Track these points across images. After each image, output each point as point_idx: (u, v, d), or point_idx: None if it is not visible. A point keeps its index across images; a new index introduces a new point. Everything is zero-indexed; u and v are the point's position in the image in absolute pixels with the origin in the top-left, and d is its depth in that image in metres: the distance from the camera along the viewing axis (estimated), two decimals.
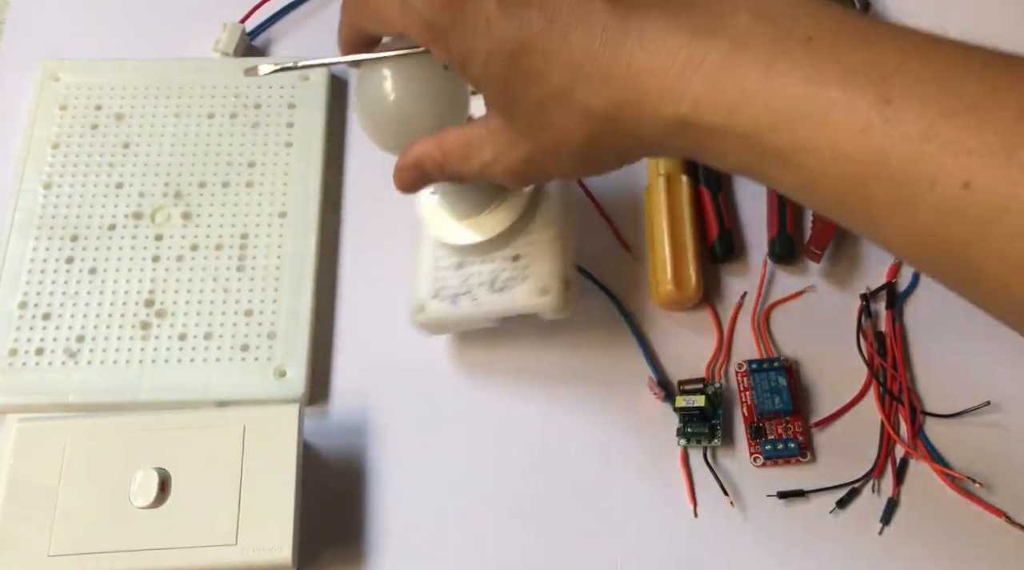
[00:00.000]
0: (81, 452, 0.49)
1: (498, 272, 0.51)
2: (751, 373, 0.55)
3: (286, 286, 0.57)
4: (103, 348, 0.55)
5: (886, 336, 0.56)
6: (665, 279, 0.56)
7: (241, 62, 0.64)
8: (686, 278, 0.56)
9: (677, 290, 0.55)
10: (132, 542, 0.47)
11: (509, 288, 0.51)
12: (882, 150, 0.32)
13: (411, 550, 0.52)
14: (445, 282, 0.53)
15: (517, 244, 0.52)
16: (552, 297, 0.50)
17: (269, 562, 0.47)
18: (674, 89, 0.35)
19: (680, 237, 0.57)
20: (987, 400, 0.54)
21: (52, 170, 0.60)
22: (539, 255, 0.51)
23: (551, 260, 0.51)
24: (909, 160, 0.31)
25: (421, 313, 0.53)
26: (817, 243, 0.57)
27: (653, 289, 0.57)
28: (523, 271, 0.51)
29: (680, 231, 0.57)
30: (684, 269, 0.56)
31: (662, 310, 0.57)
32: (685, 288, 0.56)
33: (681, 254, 0.56)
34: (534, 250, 0.51)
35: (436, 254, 0.54)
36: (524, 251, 0.52)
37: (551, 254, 0.51)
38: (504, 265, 0.52)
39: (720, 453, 0.54)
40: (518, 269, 0.51)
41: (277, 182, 0.60)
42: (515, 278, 0.51)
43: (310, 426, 0.54)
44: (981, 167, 0.30)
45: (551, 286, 0.50)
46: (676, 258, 0.56)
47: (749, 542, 0.52)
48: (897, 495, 0.52)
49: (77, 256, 0.57)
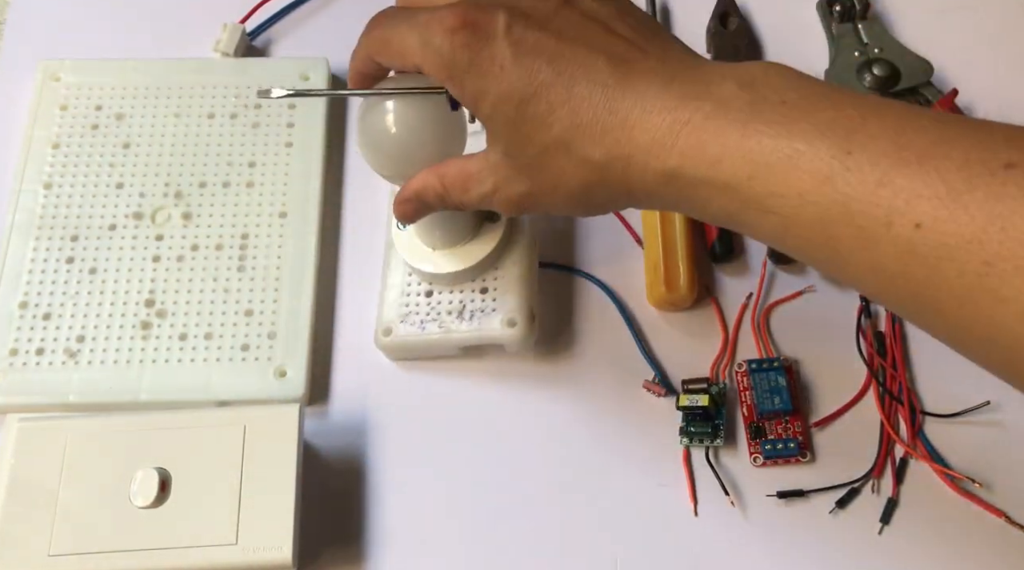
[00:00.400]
0: (81, 452, 0.49)
1: (467, 302, 0.54)
2: (751, 373, 0.55)
3: (286, 286, 0.57)
4: (103, 348, 0.55)
5: (886, 336, 0.56)
6: (658, 280, 0.56)
7: (241, 62, 0.64)
8: (676, 279, 0.56)
9: (668, 292, 0.56)
10: (132, 542, 0.47)
11: (477, 318, 0.54)
12: (843, 196, 0.36)
13: (411, 550, 0.52)
14: (414, 308, 0.55)
15: (486, 277, 0.55)
16: (519, 329, 0.53)
17: (269, 562, 0.47)
18: (663, 144, 0.39)
19: (670, 239, 0.57)
20: (987, 400, 0.54)
21: (52, 170, 0.60)
22: (506, 289, 0.54)
23: (519, 295, 0.54)
24: (867, 204, 0.35)
25: (389, 336, 0.55)
26: None
27: (648, 290, 0.57)
28: (492, 303, 0.54)
29: (670, 232, 0.57)
30: (674, 271, 0.56)
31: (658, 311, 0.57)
32: (675, 289, 0.56)
33: (671, 256, 0.56)
34: (502, 284, 0.54)
35: (407, 279, 0.56)
36: (492, 285, 0.55)
37: (519, 289, 0.54)
38: (473, 296, 0.54)
39: (720, 452, 0.54)
40: (487, 301, 0.54)
41: (277, 182, 0.60)
42: (483, 309, 0.54)
43: (310, 426, 0.54)
44: (929, 209, 0.34)
45: (518, 319, 0.53)
46: (667, 260, 0.56)
47: (749, 542, 0.52)
48: (897, 495, 0.52)
49: (77, 256, 0.57)
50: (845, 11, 0.64)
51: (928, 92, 0.61)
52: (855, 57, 0.63)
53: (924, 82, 0.62)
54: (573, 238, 0.60)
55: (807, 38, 0.66)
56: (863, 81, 0.62)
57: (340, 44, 0.65)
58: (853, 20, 0.64)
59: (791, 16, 0.67)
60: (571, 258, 0.59)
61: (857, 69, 0.62)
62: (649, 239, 0.57)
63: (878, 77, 0.61)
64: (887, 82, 0.61)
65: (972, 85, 0.62)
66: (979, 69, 0.63)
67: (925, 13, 0.66)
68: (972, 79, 0.62)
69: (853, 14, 0.64)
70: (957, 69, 0.63)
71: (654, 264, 0.56)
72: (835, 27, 0.64)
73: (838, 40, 0.64)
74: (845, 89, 0.39)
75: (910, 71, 0.62)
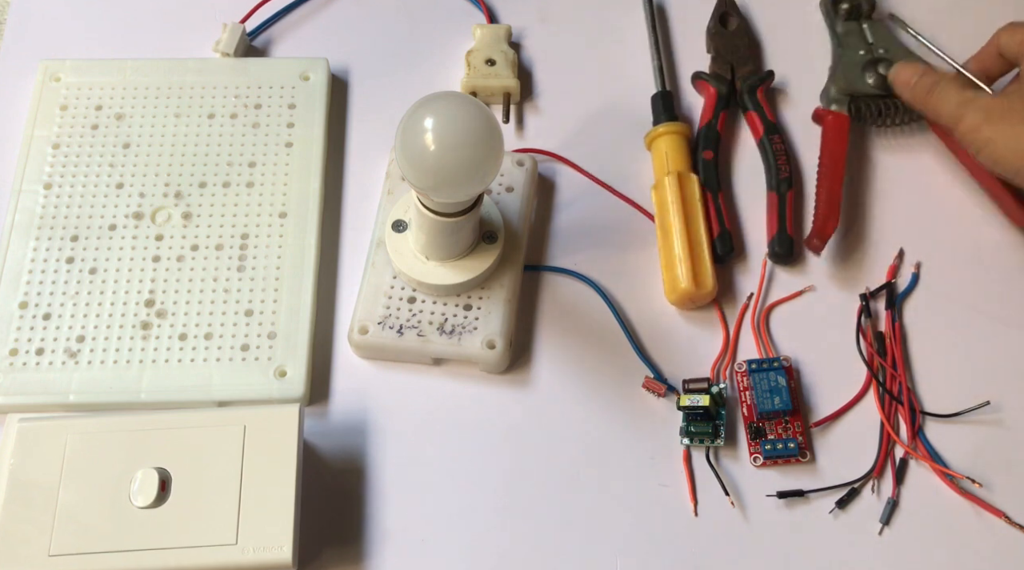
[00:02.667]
0: (81, 452, 0.49)
1: (449, 316, 0.55)
2: (750, 373, 0.55)
3: (286, 286, 0.57)
4: (103, 348, 0.55)
5: (886, 336, 0.56)
6: (684, 276, 0.56)
7: (241, 62, 0.64)
8: (704, 275, 0.56)
9: (696, 288, 0.55)
10: (132, 542, 0.47)
11: (458, 334, 0.55)
12: None
13: (411, 550, 0.52)
14: (395, 312, 0.55)
15: (472, 295, 0.55)
16: (496, 353, 0.54)
17: (269, 562, 0.47)
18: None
19: (696, 234, 0.57)
20: (987, 400, 0.54)
21: (52, 170, 0.60)
22: (491, 310, 0.55)
23: (501, 319, 0.55)
24: None
25: (364, 335, 0.55)
26: (819, 234, 0.57)
27: (668, 287, 0.57)
28: (474, 321, 0.55)
29: (695, 229, 0.57)
30: (702, 266, 0.56)
31: (676, 309, 0.57)
32: (703, 285, 0.56)
33: (698, 251, 0.56)
34: (487, 305, 0.55)
35: (391, 281, 0.56)
36: (477, 303, 0.55)
37: (502, 313, 0.55)
38: (456, 311, 0.55)
39: (720, 452, 0.54)
40: (469, 319, 0.55)
41: (277, 182, 0.60)
42: (465, 326, 0.55)
43: (310, 426, 0.54)
44: None
45: (498, 342, 0.54)
46: (693, 256, 0.56)
47: (749, 542, 0.52)
48: (897, 495, 0.52)
49: (77, 256, 0.57)
50: (853, 9, 0.64)
51: None
52: (860, 56, 0.63)
53: None
54: (569, 240, 0.60)
55: (807, 37, 0.66)
56: (867, 80, 0.62)
57: (340, 44, 0.66)
58: (859, 19, 0.64)
59: (791, 16, 0.67)
60: (569, 260, 0.59)
61: (862, 68, 0.62)
62: (669, 235, 0.57)
63: (883, 76, 0.61)
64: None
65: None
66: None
67: (925, 13, 0.66)
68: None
69: (859, 13, 0.64)
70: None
71: (675, 261, 0.56)
72: (840, 25, 0.64)
73: (843, 39, 0.64)
74: None
75: None
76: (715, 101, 0.63)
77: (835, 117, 0.61)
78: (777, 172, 0.60)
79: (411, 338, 0.55)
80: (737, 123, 0.64)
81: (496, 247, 0.55)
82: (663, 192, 0.59)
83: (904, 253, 0.59)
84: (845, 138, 0.61)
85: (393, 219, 0.56)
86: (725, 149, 0.63)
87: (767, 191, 0.61)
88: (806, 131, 0.63)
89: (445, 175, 0.47)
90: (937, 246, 0.59)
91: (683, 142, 0.61)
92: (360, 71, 0.65)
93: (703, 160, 0.61)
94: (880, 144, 0.63)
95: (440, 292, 0.55)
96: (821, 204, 0.59)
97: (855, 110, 0.62)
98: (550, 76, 0.65)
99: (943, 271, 0.59)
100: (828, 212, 0.58)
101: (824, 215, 0.58)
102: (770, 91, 0.64)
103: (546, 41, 0.67)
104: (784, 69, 0.65)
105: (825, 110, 0.62)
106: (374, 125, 0.63)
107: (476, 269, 0.55)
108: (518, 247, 0.57)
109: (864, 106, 0.62)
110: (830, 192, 0.59)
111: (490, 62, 0.63)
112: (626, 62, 0.66)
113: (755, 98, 0.63)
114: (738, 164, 0.62)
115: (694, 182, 0.59)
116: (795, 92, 0.65)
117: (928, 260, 0.59)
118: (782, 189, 0.60)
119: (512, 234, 0.57)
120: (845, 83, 0.62)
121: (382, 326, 0.55)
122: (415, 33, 0.67)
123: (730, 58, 0.64)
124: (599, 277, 0.58)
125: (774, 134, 0.62)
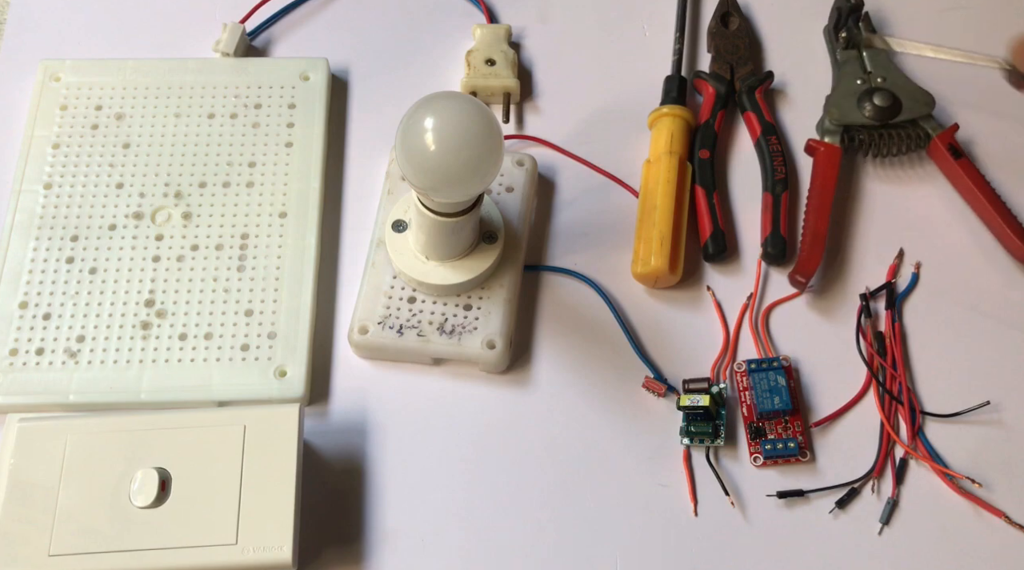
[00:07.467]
0: (81, 452, 0.49)
1: (449, 316, 0.55)
2: (750, 373, 0.55)
3: (286, 286, 0.57)
4: (103, 348, 0.55)
5: (886, 336, 0.56)
6: (660, 255, 0.56)
7: (241, 62, 0.64)
8: (679, 260, 0.57)
9: (670, 271, 0.56)
10: (132, 542, 0.47)
11: (458, 334, 0.55)
12: None
13: (411, 550, 0.52)
14: (395, 312, 0.55)
15: (472, 295, 0.56)
16: (496, 353, 0.54)
17: (269, 562, 0.47)
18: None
19: (680, 219, 0.57)
20: (987, 400, 0.54)
21: (52, 170, 0.60)
22: (491, 310, 0.55)
23: (501, 319, 0.55)
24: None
25: (363, 335, 0.55)
26: (802, 271, 0.57)
27: (639, 260, 0.57)
28: (474, 321, 0.55)
29: (680, 214, 0.58)
30: (679, 251, 0.57)
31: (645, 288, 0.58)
32: (676, 270, 0.56)
33: (677, 235, 0.57)
34: (487, 305, 0.55)
35: (391, 281, 0.56)
36: (477, 303, 0.55)
37: (502, 313, 0.55)
38: (456, 311, 0.55)
39: (720, 452, 0.54)
40: (469, 319, 0.55)
41: (277, 182, 0.60)
42: (465, 327, 0.55)
43: (310, 426, 0.54)
44: None
45: (498, 342, 0.54)
46: (674, 238, 0.56)
47: (749, 542, 0.52)
48: (897, 495, 0.52)
49: (77, 256, 0.57)
50: (850, 38, 0.63)
51: (928, 125, 0.61)
52: (857, 85, 0.62)
53: (925, 114, 0.61)
54: (569, 240, 0.60)
55: (808, 39, 0.66)
56: (863, 110, 0.61)
57: (340, 44, 0.66)
58: (858, 47, 0.64)
59: (792, 17, 0.67)
60: (569, 260, 0.59)
61: (858, 97, 0.61)
62: (650, 213, 0.58)
63: (878, 107, 0.61)
64: (887, 112, 0.60)
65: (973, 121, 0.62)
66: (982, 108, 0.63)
67: (922, 15, 0.66)
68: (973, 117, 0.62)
69: (858, 41, 0.64)
70: (959, 105, 0.63)
71: (654, 237, 0.57)
72: (840, 54, 0.64)
73: (842, 66, 0.63)
74: None
75: (911, 102, 0.61)
76: (713, 100, 0.63)
77: (827, 149, 0.60)
78: (773, 173, 0.60)
79: (411, 338, 0.55)
80: (735, 123, 0.64)
81: (496, 247, 0.56)
82: (658, 169, 0.59)
83: (904, 253, 0.59)
84: (835, 172, 0.60)
85: (393, 219, 0.56)
86: (722, 149, 0.63)
87: (762, 192, 0.61)
88: (804, 132, 0.63)
89: (445, 175, 0.47)
90: (937, 246, 0.59)
91: (687, 129, 0.61)
92: (360, 71, 0.66)
93: (699, 159, 0.61)
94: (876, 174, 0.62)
95: (440, 292, 0.55)
96: (806, 241, 0.58)
97: (849, 141, 0.61)
98: (550, 76, 0.65)
99: (943, 271, 0.59)
100: (811, 252, 0.57)
101: (807, 252, 0.57)
102: (769, 92, 0.64)
103: (546, 41, 0.67)
104: (784, 70, 0.65)
105: (818, 142, 0.61)
106: (374, 125, 0.64)
107: (476, 269, 0.55)
108: (518, 247, 0.57)
109: (859, 137, 0.61)
110: (815, 230, 0.58)
111: (490, 62, 0.64)
112: (626, 62, 0.66)
113: (754, 99, 0.63)
114: (734, 164, 0.62)
115: (689, 171, 0.59)
116: (794, 94, 0.65)
117: (928, 260, 0.59)
118: (777, 190, 0.60)
119: (512, 234, 0.57)
120: (839, 114, 0.61)
121: (382, 326, 0.55)
122: (415, 33, 0.67)
123: (730, 58, 0.64)
124: (599, 277, 0.58)
125: (771, 135, 0.61)
